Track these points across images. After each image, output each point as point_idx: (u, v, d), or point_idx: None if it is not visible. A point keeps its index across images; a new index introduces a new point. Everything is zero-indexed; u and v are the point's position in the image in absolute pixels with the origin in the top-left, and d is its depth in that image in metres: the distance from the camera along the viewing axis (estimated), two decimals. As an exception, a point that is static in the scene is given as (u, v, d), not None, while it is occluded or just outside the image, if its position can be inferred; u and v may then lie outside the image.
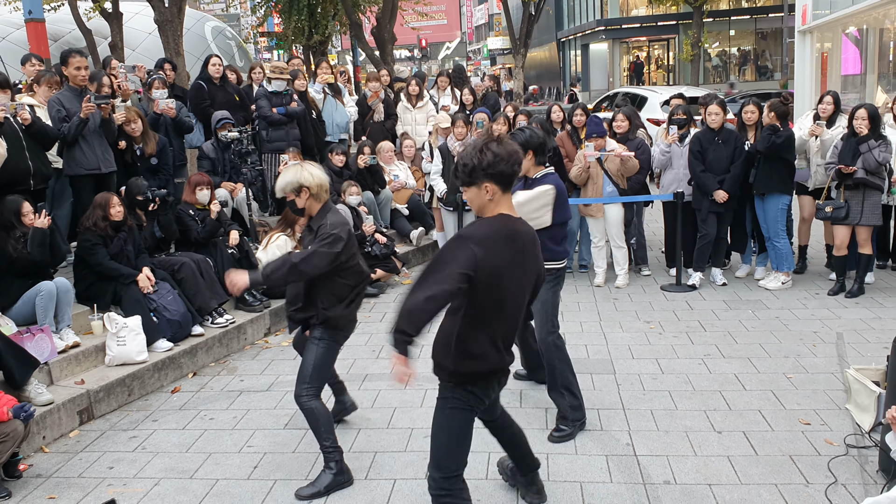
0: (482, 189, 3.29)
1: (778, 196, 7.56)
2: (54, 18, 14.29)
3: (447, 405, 3.45)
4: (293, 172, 4.37)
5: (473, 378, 3.40)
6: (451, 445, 3.46)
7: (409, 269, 9.20)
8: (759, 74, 39.78)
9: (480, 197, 3.31)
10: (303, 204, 4.39)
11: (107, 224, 6.18)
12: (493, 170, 3.24)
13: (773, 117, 7.49)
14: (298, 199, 4.37)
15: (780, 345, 6.31)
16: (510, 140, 3.39)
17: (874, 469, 4.31)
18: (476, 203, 3.35)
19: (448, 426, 3.45)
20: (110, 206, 6.18)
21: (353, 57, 28.88)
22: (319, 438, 4.39)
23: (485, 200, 3.31)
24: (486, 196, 3.30)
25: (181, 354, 6.21)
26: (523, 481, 4.15)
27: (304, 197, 4.36)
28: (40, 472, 4.72)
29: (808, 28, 18.50)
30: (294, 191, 4.34)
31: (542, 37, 51.28)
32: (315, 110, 9.76)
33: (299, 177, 4.33)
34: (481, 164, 3.24)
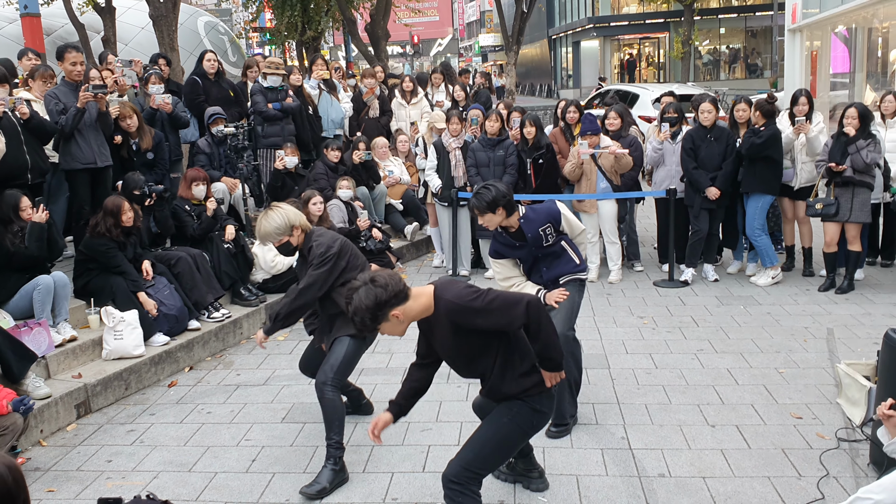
0: (395, 318, 3.27)
1: (760, 196, 7.62)
2: (47, 12, 14.22)
3: (506, 415, 3.48)
4: (280, 215, 4.41)
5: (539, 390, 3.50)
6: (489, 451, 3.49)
7: (403, 264, 9.24)
8: (749, 72, 39.96)
9: (399, 325, 3.31)
10: (297, 242, 4.49)
11: (119, 231, 6.17)
12: (395, 301, 3.23)
13: (759, 116, 7.57)
14: (293, 238, 4.46)
15: (771, 340, 6.38)
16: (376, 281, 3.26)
17: (865, 462, 4.38)
18: (398, 331, 3.35)
19: (498, 433, 3.50)
20: (122, 212, 6.16)
21: (345, 53, 28.87)
22: (330, 431, 4.41)
23: (406, 325, 3.34)
24: (402, 323, 3.31)
25: (178, 349, 6.23)
26: (523, 467, 4.20)
27: (297, 234, 4.46)
28: (39, 466, 4.74)
29: (797, 27, 18.63)
30: (289, 231, 4.43)
31: (534, 34, 51.36)
32: (311, 106, 9.78)
33: (288, 218, 4.41)
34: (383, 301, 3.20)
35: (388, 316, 3.25)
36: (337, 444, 4.40)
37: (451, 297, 3.29)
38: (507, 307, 3.27)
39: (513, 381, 3.43)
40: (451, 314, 3.30)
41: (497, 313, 3.26)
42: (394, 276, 3.28)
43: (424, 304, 3.33)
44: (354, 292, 3.24)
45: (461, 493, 3.38)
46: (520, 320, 3.29)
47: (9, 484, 1.96)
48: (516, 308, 3.27)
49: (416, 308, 3.31)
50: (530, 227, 4.64)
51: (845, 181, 7.26)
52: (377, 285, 3.21)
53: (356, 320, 3.26)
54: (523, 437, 3.54)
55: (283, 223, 4.40)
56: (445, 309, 3.30)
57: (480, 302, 3.26)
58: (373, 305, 3.19)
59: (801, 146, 7.72)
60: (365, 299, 3.19)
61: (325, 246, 4.46)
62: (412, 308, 3.30)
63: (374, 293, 3.19)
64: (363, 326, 3.28)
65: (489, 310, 3.25)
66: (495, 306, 3.26)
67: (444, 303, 3.30)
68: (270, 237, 4.45)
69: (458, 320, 3.30)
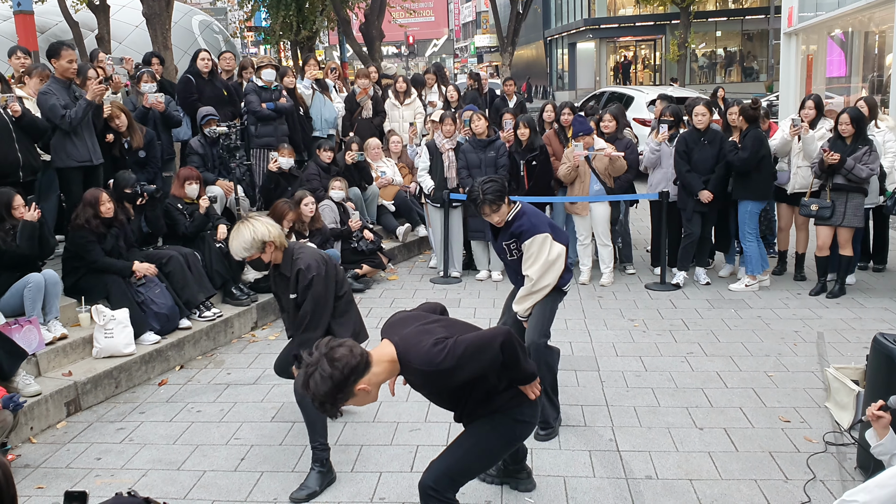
0: (361, 391, 2.97)
1: (750, 202, 7.64)
2: (41, 10, 14.19)
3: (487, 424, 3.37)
4: (249, 231, 4.29)
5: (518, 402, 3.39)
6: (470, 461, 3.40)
7: (394, 265, 9.25)
8: (745, 76, 40.07)
9: (367, 396, 3.02)
10: (269, 258, 4.38)
11: (98, 222, 6.17)
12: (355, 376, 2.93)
13: (742, 121, 7.58)
14: (264, 254, 4.35)
15: (761, 343, 6.40)
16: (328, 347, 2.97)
17: (852, 466, 4.40)
18: (369, 400, 3.04)
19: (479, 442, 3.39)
20: (100, 203, 6.16)
21: (340, 53, 28.87)
22: (314, 434, 4.39)
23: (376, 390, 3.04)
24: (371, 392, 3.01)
25: (168, 347, 6.23)
26: (513, 468, 4.18)
27: (270, 251, 4.35)
28: (28, 463, 4.74)
29: (793, 30, 18.69)
30: (259, 248, 4.31)
31: (530, 35, 51.44)
32: (303, 106, 9.78)
33: (256, 234, 4.29)
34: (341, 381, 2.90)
35: (354, 391, 2.95)
36: (322, 445, 4.39)
37: (419, 363, 3.02)
38: (480, 353, 3.06)
39: (489, 403, 3.32)
40: (426, 383, 3.15)
41: (471, 364, 3.05)
42: (351, 348, 2.95)
43: (389, 369, 3.06)
44: (310, 378, 2.90)
45: (438, 501, 3.30)
46: (496, 363, 3.12)
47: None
48: (489, 352, 3.08)
49: (381, 374, 3.03)
50: (502, 234, 4.64)
51: (838, 187, 7.27)
52: (333, 366, 2.88)
53: (319, 407, 2.96)
54: (506, 447, 3.46)
55: (251, 240, 4.27)
56: (418, 376, 3.09)
57: (451, 359, 3.00)
58: (332, 389, 2.88)
59: (797, 150, 7.74)
60: (322, 385, 2.87)
61: (314, 264, 4.37)
62: (377, 375, 3.01)
63: (330, 375, 2.87)
64: (330, 411, 2.98)
65: (462, 365, 3.02)
66: (467, 357, 3.03)
67: (412, 370, 3.06)
68: (237, 253, 4.35)
69: (434, 384, 3.15)
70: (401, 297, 8.06)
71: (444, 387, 3.22)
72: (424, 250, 9.95)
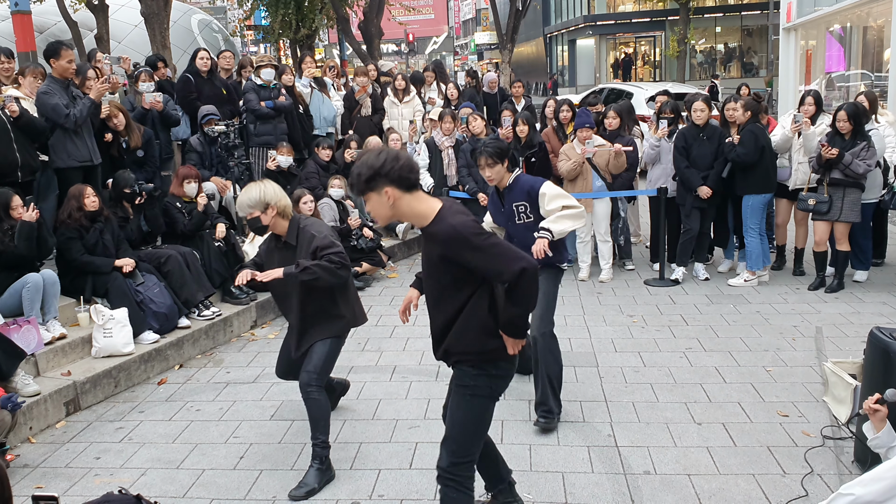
0: (385, 195, 3.16)
1: (754, 195, 7.64)
2: (40, 10, 14.19)
3: (467, 392, 3.38)
4: (257, 190, 4.38)
5: (498, 355, 3.36)
6: (468, 433, 3.41)
7: (394, 263, 9.25)
8: (745, 71, 39.99)
9: (384, 206, 3.20)
10: (268, 221, 4.41)
11: (81, 215, 6.18)
12: (397, 179, 3.15)
13: (744, 113, 7.58)
14: (264, 215, 4.39)
15: (760, 338, 6.40)
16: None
17: (849, 460, 4.41)
18: (382, 213, 3.23)
19: (467, 413, 3.39)
20: (84, 196, 6.18)
21: (339, 51, 28.85)
22: (315, 431, 4.40)
23: (388, 210, 3.22)
24: (388, 203, 3.19)
25: (167, 346, 6.23)
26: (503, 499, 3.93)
27: (271, 214, 4.39)
28: (27, 463, 4.75)
29: (792, 25, 18.66)
30: (261, 208, 4.37)
31: (529, 32, 51.37)
32: (302, 104, 9.78)
33: (264, 194, 4.37)
34: (387, 170, 3.14)
35: (381, 189, 3.15)
36: (323, 443, 4.40)
37: (455, 222, 3.14)
38: (507, 258, 3.13)
39: (475, 338, 3.31)
40: (447, 239, 3.16)
41: (493, 258, 3.12)
42: (414, 168, 3.22)
43: (420, 211, 3.22)
44: (372, 151, 3.22)
45: (456, 490, 3.37)
46: (511, 277, 3.13)
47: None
48: (514, 263, 3.11)
49: (411, 206, 3.20)
50: (511, 196, 4.70)
51: (835, 182, 7.27)
52: (394, 158, 3.16)
53: (353, 174, 3.22)
54: (490, 403, 3.44)
55: (257, 198, 4.36)
56: (444, 232, 3.16)
57: (481, 240, 3.12)
58: (377, 167, 3.13)
59: (798, 146, 7.73)
60: (374, 159, 3.15)
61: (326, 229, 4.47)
62: (408, 203, 3.19)
63: (385, 159, 3.13)
64: (355, 183, 3.20)
65: (486, 251, 3.12)
66: (495, 251, 3.13)
67: (445, 225, 3.16)
68: (242, 209, 4.43)
69: (451, 249, 3.17)
70: (401, 295, 8.06)
71: (452, 266, 3.21)
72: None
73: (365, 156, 3.23)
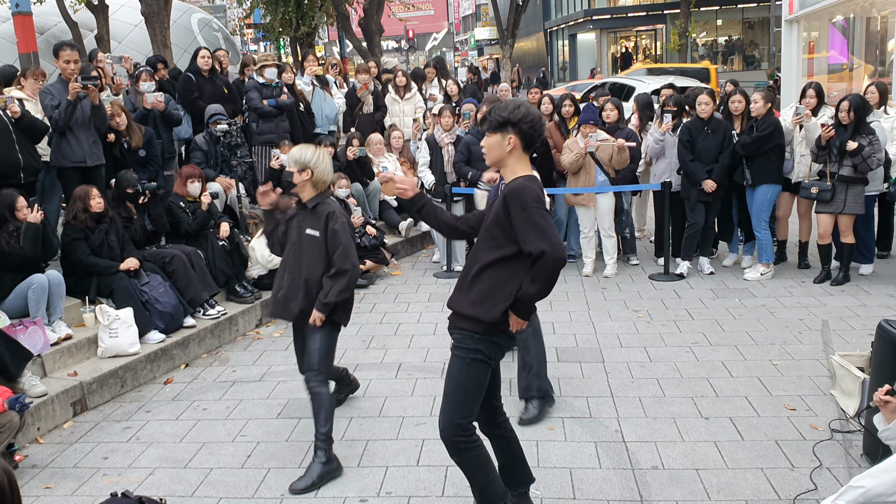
0: (501, 137, 3.47)
1: (768, 186, 7.62)
2: (40, 11, 14.19)
3: (469, 356, 3.51)
4: (310, 152, 4.51)
5: (503, 328, 3.52)
6: (469, 395, 3.54)
7: (397, 261, 9.25)
8: (746, 64, 39.90)
9: (497, 148, 3.50)
10: (298, 181, 4.49)
11: (87, 216, 6.19)
12: (522, 131, 3.46)
13: (762, 103, 7.57)
14: (298, 175, 4.48)
15: (766, 332, 6.39)
16: None
17: (858, 453, 4.40)
18: (494, 154, 3.53)
19: (468, 376, 3.52)
20: (90, 198, 6.20)
21: (340, 48, 28.82)
22: (317, 424, 4.42)
23: (497, 152, 3.51)
24: (501, 147, 3.49)
25: (173, 346, 6.24)
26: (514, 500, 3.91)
27: (304, 177, 4.47)
28: (36, 463, 4.76)
29: (794, 17, 18.58)
30: (300, 167, 4.46)
31: (530, 27, 51.31)
32: (303, 102, 9.77)
33: (310, 158, 4.47)
34: (514, 117, 3.45)
35: (510, 135, 3.46)
36: (324, 436, 4.41)
37: (526, 184, 3.42)
38: (541, 233, 3.32)
39: (492, 307, 3.45)
40: (511, 192, 3.40)
41: (531, 227, 3.33)
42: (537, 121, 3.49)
43: (516, 169, 3.51)
44: (514, 101, 3.55)
45: (470, 449, 3.54)
46: (533, 250, 3.32)
47: (3, 485, 1.96)
48: (542, 242, 3.31)
49: (515, 166, 3.50)
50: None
51: (843, 178, 7.23)
52: (527, 112, 3.47)
53: (494, 111, 3.51)
54: (488, 369, 3.57)
55: (304, 158, 4.44)
56: (514, 186, 3.42)
57: (534, 207, 3.35)
58: (522, 119, 3.44)
59: (800, 138, 7.71)
60: (526, 112, 3.47)
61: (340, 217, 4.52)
62: (518, 160, 3.51)
63: (533, 120, 3.47)
64: (485, 117, 3.53)
65: (531, 218, 3.33)
66: (537, 222, 3.34)
67: (518, 182, 3.44)
68: (291, 158, 4.51)
69: (509, 203, 3.38)
70: (404, 293, 8.06)
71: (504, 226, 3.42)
72: (427, 245, 9.95)
73: (509, 101, 3.56)
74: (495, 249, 3.46)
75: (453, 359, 3.58)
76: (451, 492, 4.19)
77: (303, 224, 4.53)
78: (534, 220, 3.33)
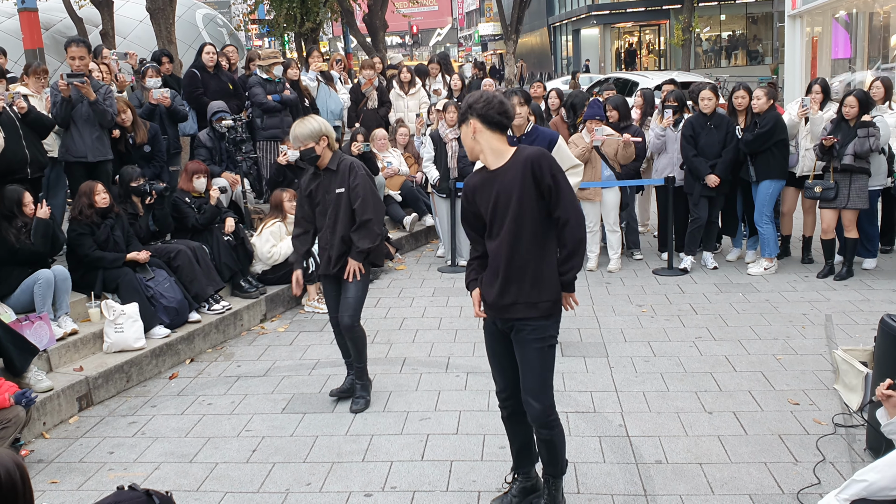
0: (469, 127, 3.56)
1: (771, 181, 7.61)
2: (45, 7, 14.19)
3: (546, 343, 3.62)
4: (316, 123, 4.84)
5: (559, 307, 3.66)
6: (551, 376, 3.68)
7: (402, 255, 9.26)
8: (750, 59, 39.77)
9: (468, 137, 3.59)
10: (320, 151, 4.83)
11: (92, 211, 6.22)
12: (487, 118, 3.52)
13: (771, 103, 7.58)
14: (318, 146, 4.81)
15: (769, 327, 6.40)
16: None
17: (861, 447, 4.41)
18: (467, 143, 3.61)
19: (550, 361, 3.66)
20: (95, 193, 6.23)
21: (344, 44, 28.81)
22: (361, 358, 5.21)
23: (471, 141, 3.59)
24: (472, 136, 3.57)
25: (178, 341, 6.26)
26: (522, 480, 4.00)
27: (323, 145, 4.82)
28: (42, 458, 4.78)
29: (798, 12, 18.55)
30: (316, 139, 4.78)
31: (534, 22, 51.20)
32: (308, 98, 9.78)
33: (321, 126, 4.83)
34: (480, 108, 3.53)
35: (470, 121, 3.55)
36: (362, 368, 5.23)
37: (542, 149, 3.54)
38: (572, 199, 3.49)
39: (551, 287, 3.57)
40: (538, 157, 3.47)
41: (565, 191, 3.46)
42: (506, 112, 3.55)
43: (497, 147, 3.56)
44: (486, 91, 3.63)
45: (558, 427, 3.70)
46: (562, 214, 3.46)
47: (15, 479, 1.98)
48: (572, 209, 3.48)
49: (491, 144, 3.55)
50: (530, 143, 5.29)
51: (843, 169, 7.25)
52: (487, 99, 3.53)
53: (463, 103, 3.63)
54: (553, 349, 3.69)
55: (318, 129, 4.80)
56: (534, 153, 3.50)
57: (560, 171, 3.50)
58: (476, 102, 3.54)
59: (805, 132, 7.71)
60: (471, 97, 3.58)
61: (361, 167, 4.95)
62: (489, 140, 3.55)
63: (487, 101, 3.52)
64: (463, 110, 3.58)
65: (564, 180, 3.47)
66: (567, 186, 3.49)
67: (531, 149, 3.53)
68: (300, 139, 4.79)
69: (540, 167, 3.45)
70: (409, 287, 8.08)
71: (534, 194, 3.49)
72: (432, 240, 9.97)
73: (481, 91, 3.67)
74: (526, 228, 3.53)
75: (527, 349, 3.63)
76: (456, 486, 4.20)
77: (331, 185, 4.93)
78: (565, 184, 3.48)
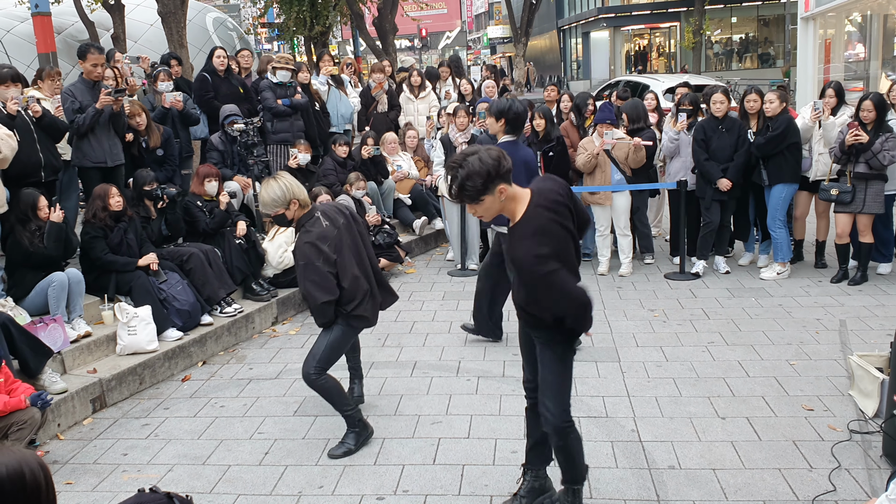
0: (499, 193, 3.32)
1: (784, 185, 7.58)
2: (57, 11, 14.26)
3: (559, 349, 3.65)
4: (279, 187, 4.52)
5: None
6: (565, 383, 3.69)
7: (411, 259, 9.26)
8: (762, 62, 39.67)
9: (497, 202, 3.34)
10: (292, 215, 4.61)
11: (107, 215, 6.25)
12: (503, 176, 3.31)
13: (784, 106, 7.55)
14: (288, 211, 4.58)
15: (783, 332, 6.37)
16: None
17: (878, 454, 4.38)
18: (493, 210, 3.36)
19: (562, 367, 3.66)
20: (109, 196, 6.25)
21: (354, 47, 28.86)
22: (338, 408, 4.71)
23: (499, 205, 3.36)
24: (502, 198, 3.34)
25: (191, 343, 6.28)
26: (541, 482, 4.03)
27: (294, 208, 4.58)
28: (56, 459, 4.81)
29: (811, 15, 18.46)
30: (285, 205, 4.55)
31: (543, 25, 51.20)
32: (319, 102, 9.80)
33: (288, 191, 4.53)
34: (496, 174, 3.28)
35: (496, 189, 3.29)
36: (349, 410, 4.71)
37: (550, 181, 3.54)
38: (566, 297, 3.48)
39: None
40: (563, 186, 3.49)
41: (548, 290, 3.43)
42: (502, 156, 3.32)
43: (518, 195, 3.38)
44: (465, 159, 3.29)
45: (569, 432, 3.68)
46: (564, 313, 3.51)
47: (39, 480, 1.99)
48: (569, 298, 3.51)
49: (515, 193, 3.37)
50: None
51: (859, 175, 7.20)
52: (491, 157, 3.27)
53: (467, 185, 3.28)
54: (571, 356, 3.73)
55: (282, 196, 4.52)
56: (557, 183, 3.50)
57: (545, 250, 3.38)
58: (488, 173, 3.24)
59: (818, 136, 7.67)
60: (480, 166, 3.24)
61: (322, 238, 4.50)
62: (512, 193, 3.35)
63: (490, 164, 3.25)
64: (473, 193, 3.29)
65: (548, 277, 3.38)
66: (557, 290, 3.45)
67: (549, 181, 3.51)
68: (267, 207, 4.61)
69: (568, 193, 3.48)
70: (419, 291, 8.08)
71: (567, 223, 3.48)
72: (441, 243, 9.96)
73: (470, 162, 3.28)
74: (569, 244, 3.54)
75: (543, 351, 3.67)
76: (468, 490, 4.20)
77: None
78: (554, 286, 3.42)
